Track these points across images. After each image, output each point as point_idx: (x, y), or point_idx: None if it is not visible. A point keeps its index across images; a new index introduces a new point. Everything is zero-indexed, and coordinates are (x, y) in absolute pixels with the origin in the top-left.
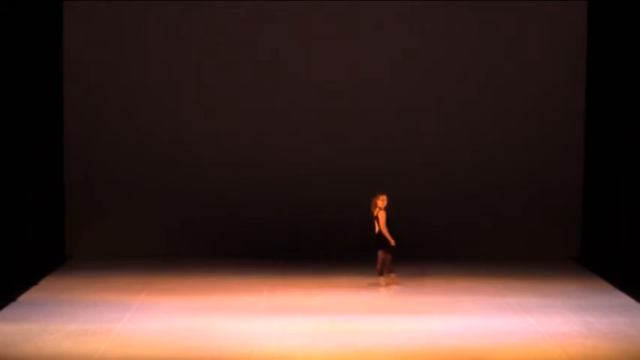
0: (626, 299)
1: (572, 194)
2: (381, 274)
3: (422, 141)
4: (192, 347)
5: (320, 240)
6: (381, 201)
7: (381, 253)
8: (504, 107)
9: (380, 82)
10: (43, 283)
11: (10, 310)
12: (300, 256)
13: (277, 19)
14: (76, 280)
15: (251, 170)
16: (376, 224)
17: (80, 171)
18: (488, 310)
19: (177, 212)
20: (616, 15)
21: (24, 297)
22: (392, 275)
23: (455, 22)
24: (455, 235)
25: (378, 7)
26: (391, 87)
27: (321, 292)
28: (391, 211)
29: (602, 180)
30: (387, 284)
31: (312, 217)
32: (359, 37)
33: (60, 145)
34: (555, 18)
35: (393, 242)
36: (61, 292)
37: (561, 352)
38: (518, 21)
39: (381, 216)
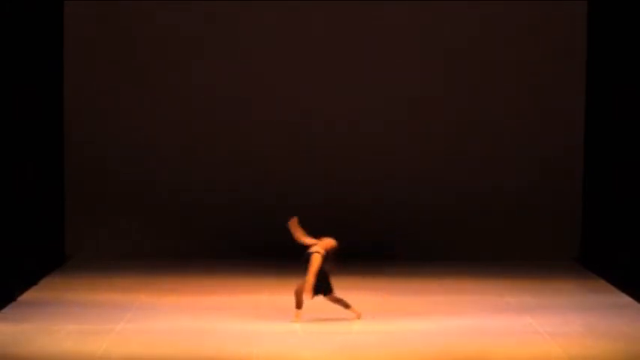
0: (626, 299)
1: (572, 194)
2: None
3: (420, 141)
4: (193, 347)
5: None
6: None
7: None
8: (504, 107)
9: (377, 82)
10: (43, 283)
11: (10, 310)
12: (301, 255)
13: (278, 18)
14: (76, 280)
15: (251, 171)
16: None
17: (80, 171)
18: (488, 310)
19: (178, 212)
20: (616, 15)
21: (24, 297)
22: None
23: (453, 22)
24: (454, 234)
25: (375, 6)
26: (387, 87)
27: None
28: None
29: (602, 180)
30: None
31: (314, 218)
32: (356, 36)
33: (60, 145)
34: (555, 18)
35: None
36: (61, 292)
37: (561, 352)
38: (517, 21)
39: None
